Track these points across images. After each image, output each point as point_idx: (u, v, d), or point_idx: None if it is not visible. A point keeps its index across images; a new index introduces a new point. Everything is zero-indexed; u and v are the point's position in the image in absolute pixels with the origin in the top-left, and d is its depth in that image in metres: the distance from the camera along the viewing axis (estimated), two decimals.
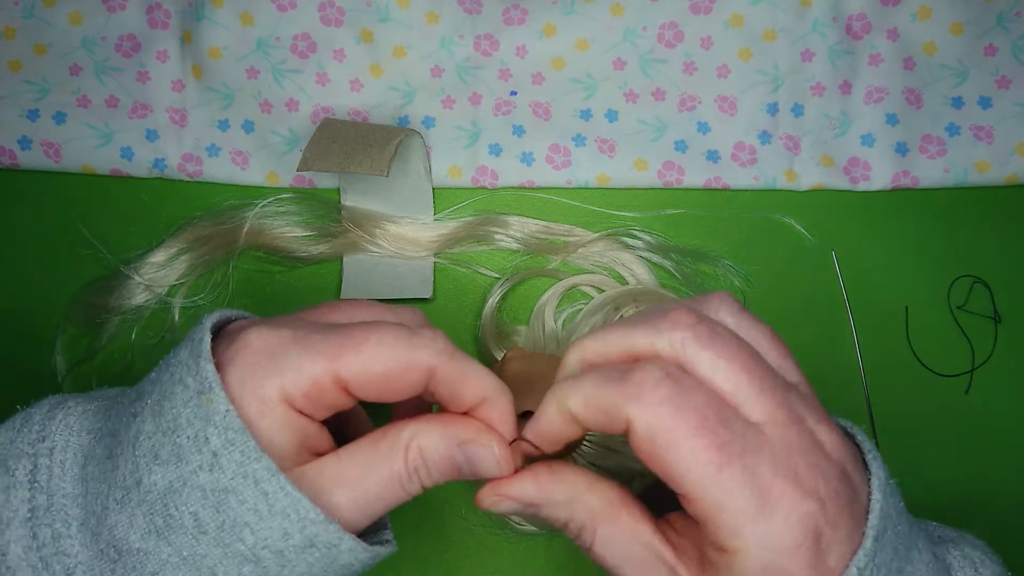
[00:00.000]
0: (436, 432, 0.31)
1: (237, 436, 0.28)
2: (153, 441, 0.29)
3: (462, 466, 0.31)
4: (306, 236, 0.50)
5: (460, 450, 0.31)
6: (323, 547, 0.29)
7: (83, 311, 0.49)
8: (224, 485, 0.28)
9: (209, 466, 0.28)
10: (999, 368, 0.49)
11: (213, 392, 0.28)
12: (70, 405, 0.32)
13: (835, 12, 0.50)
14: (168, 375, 0.30)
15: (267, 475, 0.28)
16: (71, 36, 0.51)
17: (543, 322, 0.49)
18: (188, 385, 0.29)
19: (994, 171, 0.50)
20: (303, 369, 0.29)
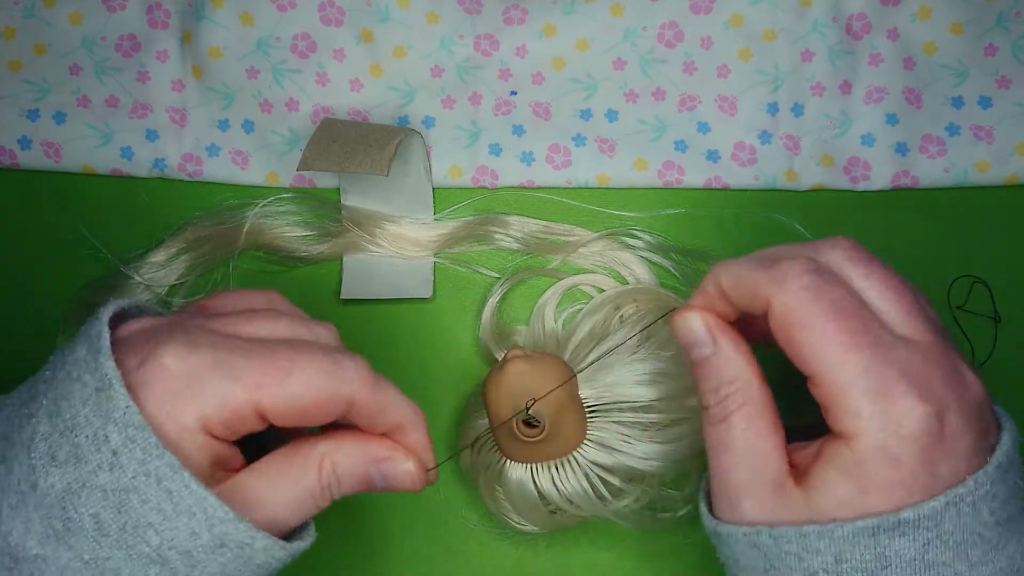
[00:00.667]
0: (351, 450, 0.32)
1: (138, 433, 0.27)
2: (50, 442, 0.28)
3: (375, 481, 0.32)
4: (306, 236, 0.50)
5: (375, 467, 0.32)
6: (235, 547, 0.28)
7: (83, 311, 0.49)
8: (125, 484, 0.27)
9: (109, 465, 0.27)
10: (999, 368, 0.49)
11: (112, 389, 0.27)
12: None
13: (835, 12, 0.50)
14: (64, 373, 0.29)
15: (170, 472, 0.27)
16: (71, 36, 0.51)
17: (543, 322, 0.49)
18: (86, 383, 0.28)
19: (994, 171, 0.50)
20: (225, 398, 0.29)
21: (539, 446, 0.42)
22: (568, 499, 0.43)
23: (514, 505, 0.45)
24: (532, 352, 0.43)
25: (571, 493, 0.43)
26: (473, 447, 0.46)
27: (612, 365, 0.44)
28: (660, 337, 0.46)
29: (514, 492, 0.44)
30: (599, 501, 0.43)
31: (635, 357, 0.44)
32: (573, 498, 0.43)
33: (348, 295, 0.49)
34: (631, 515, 0.44)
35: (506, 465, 0.44)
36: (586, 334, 0.46)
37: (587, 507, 0.43)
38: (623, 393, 0.43)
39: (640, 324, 0.46)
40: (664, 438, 0.43)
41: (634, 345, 0.45)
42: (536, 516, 0.44)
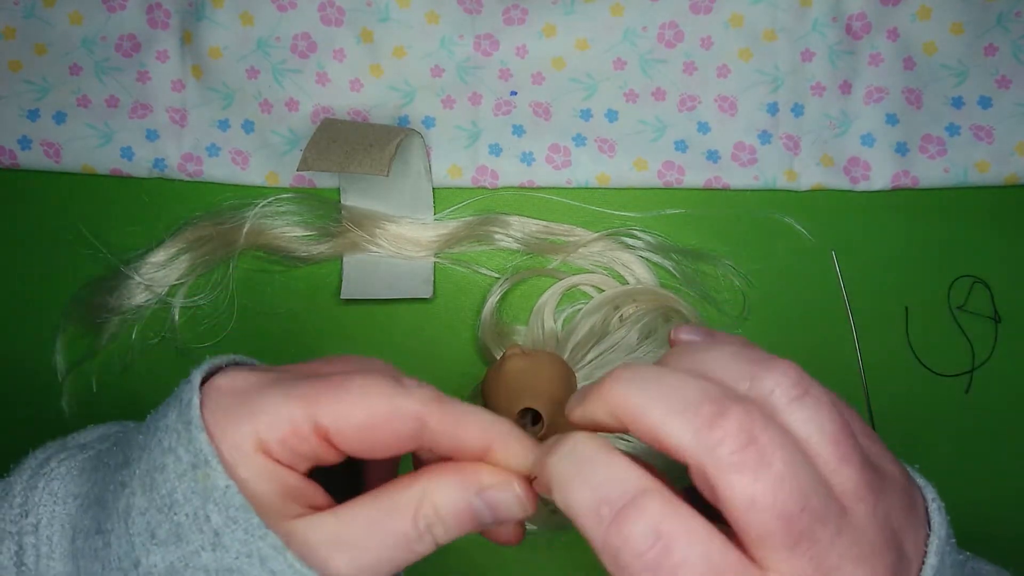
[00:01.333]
0: (450, 484, 0.28)
1: (239, 514, 0.26)
2: (147, 518, 0.27)
3: (482, 515, 0.28)
4: (306, 236, 0.50)
5: (479, 499, 0.28)
6: None
7: (83, 311, 0.49)
8: (228, 565, 0.26)
9: (212, 545, 0.26)
10: (999, 368, 0.49)
11: (210, 467, 0.26)
12: (52, 467, 0.30)
13: (835, 12, 0.50)
14: (156, 441, 0.28)
15: (273, 553, 0.26)
16: (71, 36, 0.51)
17: (542, 321, 0.49)
18: (180, 457, 0.27)
19: (994, 171, 0.50)
20: (278, 413, 0.27)
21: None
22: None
23: None
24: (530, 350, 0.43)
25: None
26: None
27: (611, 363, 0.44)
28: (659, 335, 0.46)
29: None
30: None
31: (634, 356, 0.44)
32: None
33: (348, 295, 0.49)
34: None
35: None
36: (585, 334, 0.47)
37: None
38: None
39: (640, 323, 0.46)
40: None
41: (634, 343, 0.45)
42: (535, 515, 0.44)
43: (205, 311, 0.50)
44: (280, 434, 0.27)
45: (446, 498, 0.28)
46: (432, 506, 0.28)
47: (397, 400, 0.27)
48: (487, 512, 0.28)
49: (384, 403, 0.27)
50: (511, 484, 0.28)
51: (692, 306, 0.49)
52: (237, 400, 0.27)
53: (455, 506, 0.28)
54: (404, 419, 0.28)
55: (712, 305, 0.50)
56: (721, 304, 0.50)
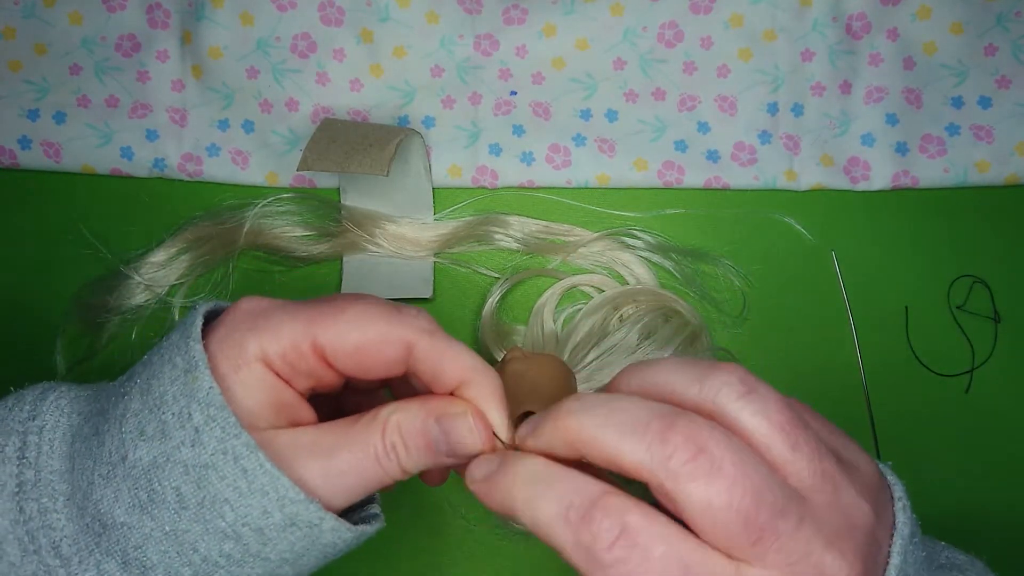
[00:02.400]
0: (414, 406, 0.30)
1: (218, 412, 0.28)
2: (140, 418, 0.29)
3: (438, 442, 0.30)
4: (306, 236, 0.50)
5: (435, 424, 0.30)
6: (304, 526, 0.29)
7: (83, 311, 0.49)
8: (205, 461, 0.28)
9: (191, 442, 0.28)
10: (999, 368, 0.49)
11: (199, 370, 0.29)
12: (62, 389, 0.32)
13: (835, 12, 0.50)
14: (158, 356, 0.30)
15: (246, 451, 0.28)
16: (71, 36, 0.51)
17: (542, 322, 0.49)
18: (176, 364, 0.29)
19: (994, 171, 0.50)
20: (281, 330, 0.29)
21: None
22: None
23: None
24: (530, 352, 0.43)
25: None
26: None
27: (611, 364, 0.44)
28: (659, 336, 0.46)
29: None
30: None
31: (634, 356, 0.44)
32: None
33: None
34: None
35: None
36: (585, 334, 0.47)
37: None
38: None
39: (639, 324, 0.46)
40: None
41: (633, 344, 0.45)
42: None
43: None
44: (281, 348, 0.29)
45: (408, 418, 0.30)
46: (396, 424, 0.30)
47: (390, 326, 0.30)
48: (442, 439, 0.30)
49: (377, 328, 0.30)
50: (466, 415, 0.30)
51: (692, 306, 0.49)
52: (248, 317, 0.30)
53: (415, 426, 0.30)
54: (394, 344, 0.30)
55: (712, 305, 0.50)
56: (721, 304, 0.50)
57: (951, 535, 0.35)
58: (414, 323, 0.30)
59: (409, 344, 0.30)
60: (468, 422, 0.30)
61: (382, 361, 0.30)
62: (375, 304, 0.30)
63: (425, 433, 0.30)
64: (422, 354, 0.30)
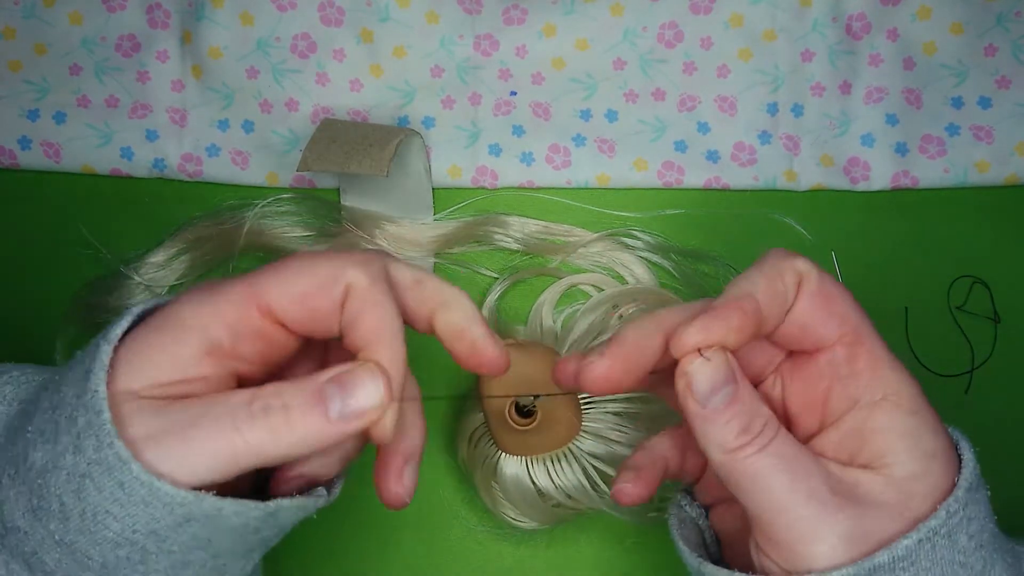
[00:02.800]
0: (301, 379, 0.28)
1: (95, 418, 0.26)
2: (43, 417, 0.27)
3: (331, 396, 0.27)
4: (306, 236, 0.50)
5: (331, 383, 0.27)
6: (202, 518, 0.27)
7: (83, 311, 0.49)
8: (83, 470, 0.26)
9: (74, 448, 0.26)
10: (999, 368, 0.49)
11: (92, 374, 0.26)
12: (14, 374, 0.31)
13: (835, 12, 0.50)
14: (80, 353, 0.28)
15: (118, 463, 0.25)
16: (71, 36, 0.51)
17: (541, 319, 0.49)
18: (83, 363, 0.27)
19: (994, 171, 0.50)
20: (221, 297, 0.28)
21: (534, 437, 0.42)
22: (564, 491, 0.43)
23: (510, 499, 0.44)
24: (524, 341, 0.43)
25: (567, 485, 0.43)
26: (470, 441, 0.46)
27: None
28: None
29: (510, 486, 0.44)
30: (595, 493, 0.43)
31: None
32: (569, 490, 0.43)
33: None
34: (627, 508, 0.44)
35: (501, 458, 0.44)
36: (583, 332, 0.47)
37: (583, 499, 0.43)
38: None
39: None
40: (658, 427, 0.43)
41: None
42: (532, 510, 0.44)
43: None
44: (225, 315, 0.27)
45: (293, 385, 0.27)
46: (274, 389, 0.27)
47: (333, 267, 0.28)
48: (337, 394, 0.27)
49: (320, 272, 0.28)
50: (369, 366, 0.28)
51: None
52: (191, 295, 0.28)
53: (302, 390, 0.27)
54: (340, 286, 0.28)
55: None
56: None
57: None
58: (360, 265, 0.28)
59: (347, 286, 0.28)
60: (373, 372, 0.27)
61: (326, 306, 0.28)
62: (320, 252, 0.29)
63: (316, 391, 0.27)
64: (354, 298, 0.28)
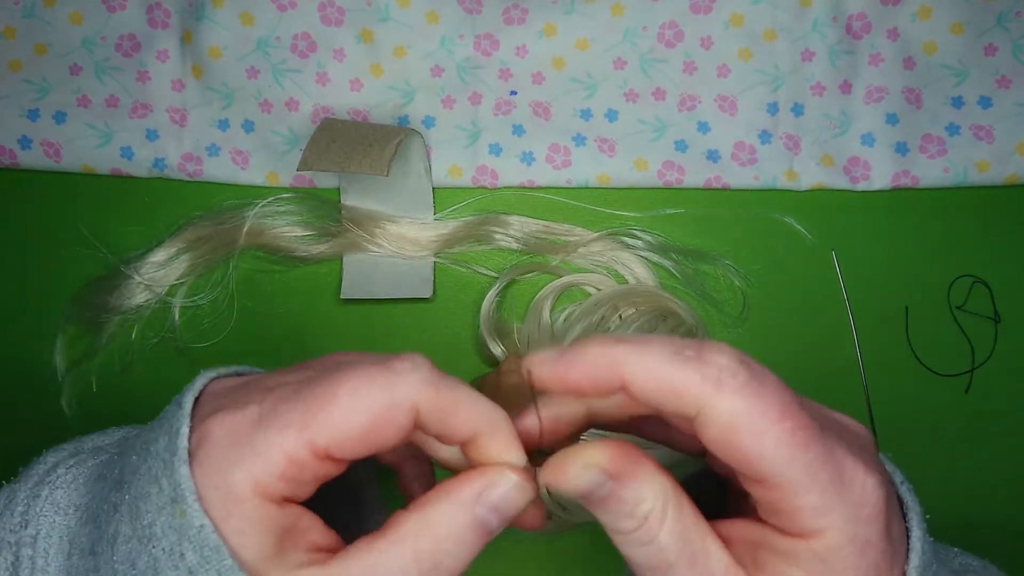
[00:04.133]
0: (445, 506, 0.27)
1: (213, 554, 0.25)
2: (130, 547, 0.26)
3: (489, 522, 0.27)
4: (306, 236, 0.50)
5: (479, 506, 0.27)
6: None
7: (83, 311, 0.49)
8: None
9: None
10: (999, 368, 0.49)
11: (186, 503, 0.25)
12: (59, 473, 0.30)
13: (835, 12, 0.50)
14: (146, 468, 0.27)
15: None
16: (71, 36, 0.51)
17: (539, 316, 0.48)
18: (163, 488, 0.26)
19: (994, 171, 0.50)
20: (271, 450, 0.26)
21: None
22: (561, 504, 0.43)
23: None
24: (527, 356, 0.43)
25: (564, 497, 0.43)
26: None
27: None
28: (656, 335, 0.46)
29: None
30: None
31: None
32: (566, 503, 0.43)
33: (348, 295, 0.49)
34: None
35: None
36: (581, 333, 0.46)
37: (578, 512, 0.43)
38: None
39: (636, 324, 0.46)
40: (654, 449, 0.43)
41: None
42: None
43: (205, 311, 0.50)
44: (279, 470, 0.26)
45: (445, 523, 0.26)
46: (432, 538, 0.26)
47: (391, 393, 0.26)
48: (493, 516, 0.27)
49: (378, 401, 0.26)
50: (504, 474, 0.27)
51: (690, 306, 0.49)
52: (228, 447, 0.26)
53: (457, 527, 0.26)
54: (401, 411, 0.26)
55: (712, 305, 0.50)
56: (721, 304, 0.50)
57: (951, 535, 0.35)
58: (413, 378, 0.26)
59: (415, 406, 0.26)
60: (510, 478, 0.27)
61: (392, 433, 0.26)
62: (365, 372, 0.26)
63: (473, 524, 0.27)
64: (428, 414, 0.27)
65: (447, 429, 0.27)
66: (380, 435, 0.26)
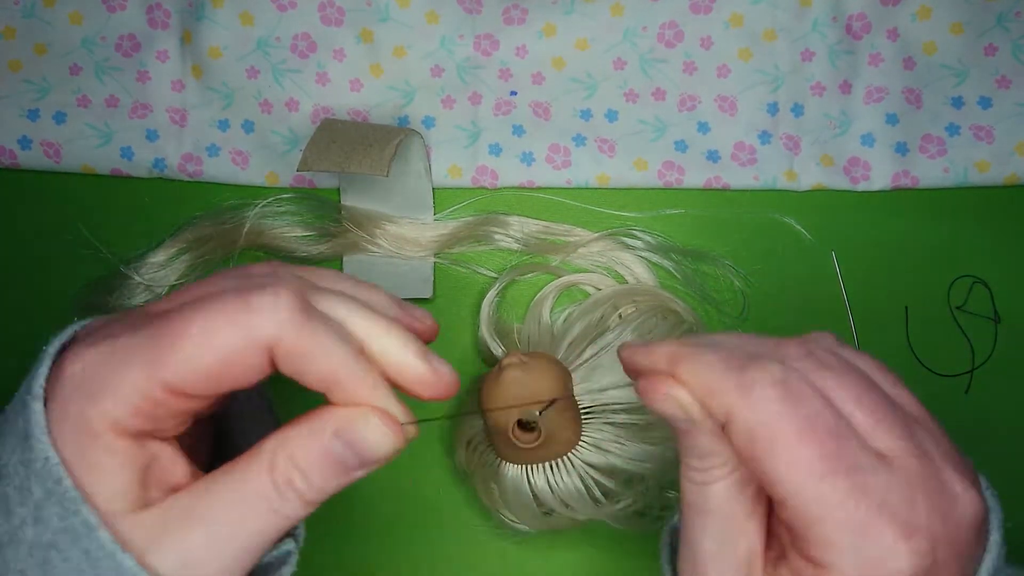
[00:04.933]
0: (302, 431, 0.27)
1: (56, 487, 0.25)
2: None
3: (345, 458, 0.27)
4: (306, 236, 0.50)
5: (336, 440, 0.26)
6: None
7: (83, 311, 0.49)
8: (47, 540, 0.25)
9: (33, 519, 0.25)
10: (999, 368, 0.49)
11: (33, 437, 0.25)
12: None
13: (835, 12, 0.50)
14: (11, 409, 0.27)
15: (85, 531, 0.25)
16: (71, 36, 0.51)
17: (539, 316, 0.48)
18: (18, 427, 0.26)
19: (994, 171, 0.50)
20: (121, 387, 0.25)
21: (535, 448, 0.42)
22: (563, 500, 0.43)
23: (508, 504, 0.44)
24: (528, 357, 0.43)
25: (565, 494, 0.43)
26: (469, 446, 0.46)
27: (607, 365, 0.44)
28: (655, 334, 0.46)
29: (509, 492, 0.44)
30: (593, 503, 0.43)
31: None
32: (568, 499, 0.43)
33: None
34: (625, 518, 0.44)
35: (501, 465, 0.44)
36: (581, 332, 0.46)
37: (582, 509, 0.43)
38: (617, 395, 0.43)
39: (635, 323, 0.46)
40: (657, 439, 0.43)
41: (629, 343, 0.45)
42: (530, 517, 0.44)
43: None
44: (131, 407, 0.25)
45: (301, 446, 0.26)
46: (287, 457, 0.26)
47: (241, 331, 0.25)
48: (349, 452, 0.27)
49: (229, 340, 0.25)
50: (367, 416, 0.27)
51: (689, 305, 0.49)
52: (81, 383, 0.26)
53: (312, 453, 0.26)
54: (254, 351, 0.25)
55: (712, 305, 0.50)
56: (721, 304, 0.50)
57: None
58: (272, 318, 0.25)
59: (269, 345, 0.25)
60: (375, 422, 0.27)
61: (245, 374, 0.26)
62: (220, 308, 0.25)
63: (327, 454, 0.26)
64: (284, 356, 0.26)
65: (301, 375, 0.26)
66: (232, 374, 0.26)
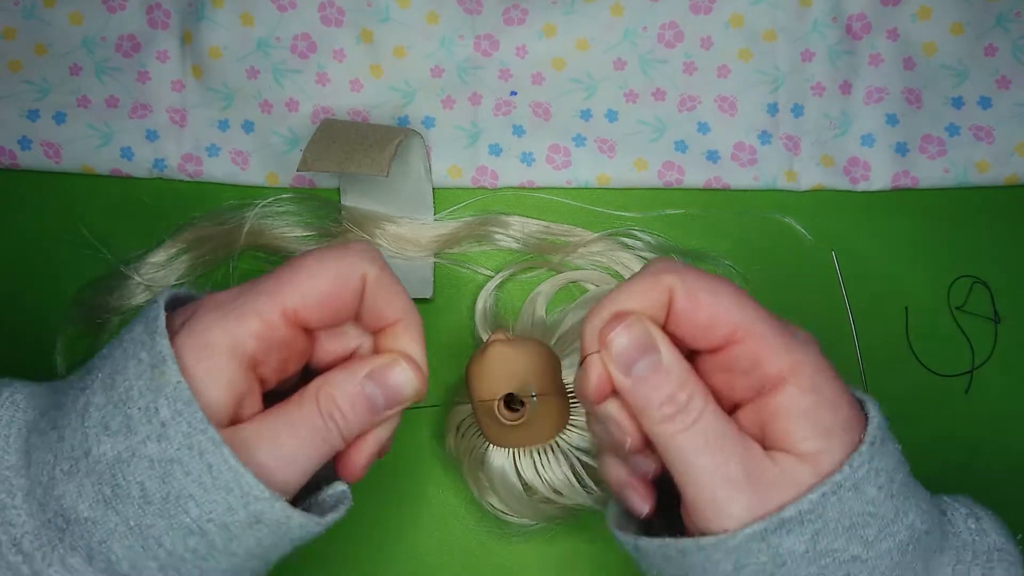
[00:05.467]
0: (339, 373, 0.32)
1: (185, 407, 0.28)
2: (103, 412, 0.29)
3: (375, 398, 0.32)
4: (306, 236, 0.50)
5: (368, 382, 0.32)
6: (271, 523, 0.29)
7: (83, 311, 0.49)
8: (170, 456, 0.28)
9: (157, 437, 0.28)
10: (999, 368, 0.49)
11: (166, 365, 0.29)
12: (16, 386, 0.32)
13: (835, 12, 0.50)
14: (121, 351, 0.30)
15: (211, 447, 0.28)
16: (71, 36, 0.51)
17: (534, 309, 0.48)
18: (142, 359, 0.29)
19: (994, 171, 0.50)
20: (247, 310, 0.30)
21: (522, 430, 0.42)
22: (550, 485, 0.43)
23: (497, 492, 0.44)
24: (514, 336, 0.43)
25: (553, 479, 0.43)
26: (457, 431, 0.45)
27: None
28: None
29: (496, 479, 0.44)
30: (580, 488, 0.43)
31: None
32: (555, 484, 0.43)
33: None
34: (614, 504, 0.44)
35: (489, 450, 0.44)
36: (573, 324, 0.47)
37: (569, 495, 0.43)
38: None
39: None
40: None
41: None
42: (518, 503, 0.44)
43: None
44: (253, 330, 0.30)
45: (339, 384, 0.32)
46: (328, 395, 0.31)
47: (345, 262, 0.32)
48: (379, 393, 0.32)
49: (336, 268, 0.31)
50: (397, 361, 0.33)
51: None
52: (213, 310, 0.31)
53: (348, 390, 0.32)
54: (354, 279, 0.32)
55: None
56: None
57: None
58: (365, 255, 0.32)
59: (364, 276, 0.32)
60: (402, 367, 0.33)
61: (348, 300, 0.32)
62: (326, 252, 0.32)
63: (360, 393, 0.32)
64: (371, 289, 0.32)
65: (379, 306, 0.33)
66: (338, 299, 0.32)
